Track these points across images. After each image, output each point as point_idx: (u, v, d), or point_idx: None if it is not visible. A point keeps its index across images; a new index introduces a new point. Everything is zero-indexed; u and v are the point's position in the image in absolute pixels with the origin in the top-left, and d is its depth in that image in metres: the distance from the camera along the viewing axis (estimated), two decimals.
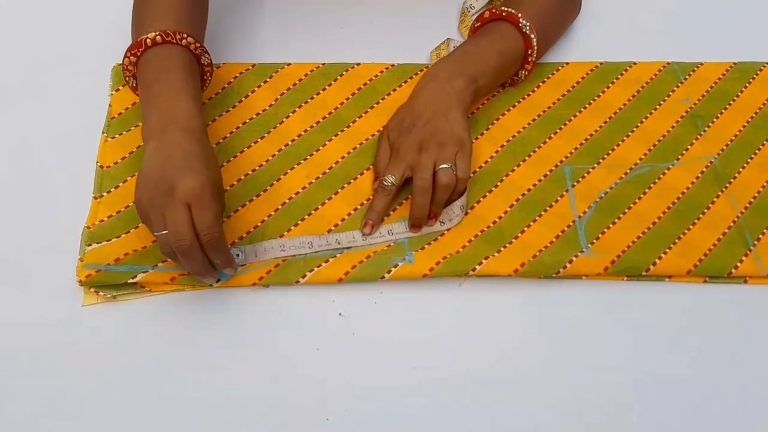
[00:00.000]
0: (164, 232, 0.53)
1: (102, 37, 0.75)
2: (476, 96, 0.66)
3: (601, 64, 0.75)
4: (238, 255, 0.60)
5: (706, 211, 0.65)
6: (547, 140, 0.69)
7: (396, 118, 0.66)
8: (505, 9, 0.67)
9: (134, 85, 0.65)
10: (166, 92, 0.59)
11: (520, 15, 0.67)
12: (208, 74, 0.66)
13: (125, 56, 0.62)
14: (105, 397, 0.55)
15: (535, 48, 0.68)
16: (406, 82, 0.72)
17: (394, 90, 0.72)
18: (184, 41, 0.61)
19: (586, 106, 0.72)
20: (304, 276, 0.59)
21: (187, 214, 0.53)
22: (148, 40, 0.61)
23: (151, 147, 0.57)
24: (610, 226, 0.64)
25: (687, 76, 0.74)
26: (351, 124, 0.70)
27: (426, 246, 0.62)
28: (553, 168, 0.68)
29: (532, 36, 0.67)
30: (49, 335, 0.58)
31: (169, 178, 0.53)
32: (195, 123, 0.58)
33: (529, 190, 0.66)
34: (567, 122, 0.71)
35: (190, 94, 0.60)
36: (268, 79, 0.72)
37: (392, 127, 0.65)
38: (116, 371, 0.56)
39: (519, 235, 0.63)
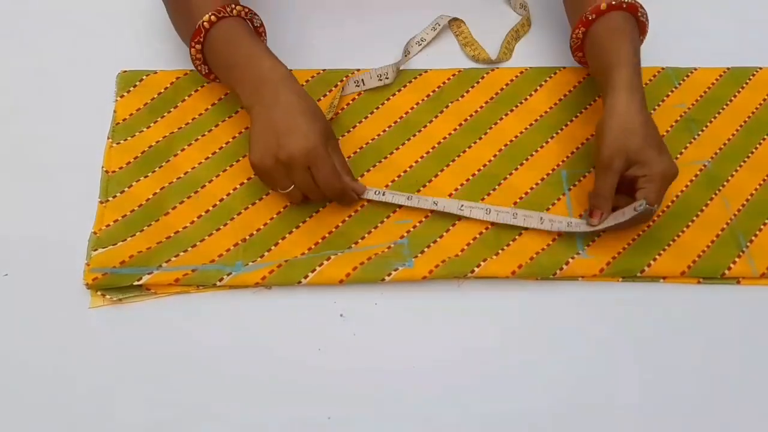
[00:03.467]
0: (291, 188, 0.61)
1: (107, 44, 0.76)
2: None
3: None
4: None
5: (699, 213, 0.66)
6: (544, 144, 0.71)
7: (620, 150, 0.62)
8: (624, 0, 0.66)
9: (207, 71, 0.69)
10: (242, 60, 0.63)
11: (638, 4, 0.66)
12: (263, 35, 0.70)
13: (191, 47, 0.66)
14: (112, 395, 0.56)
15: (647, 33, 0.69)
16: (405, 86, 0.74)
17: (393, 95, 0.73)
18: (234, 11, 0.65)
19: (582, 110, 0.73)
20: (306, 276, 0.61)
21: (309, 175, 0.61)
22: (205, 23, 0.64)
23: (255, 112, 0.62)
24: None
25: (681, 81, 0.75)
26: (351, 129, 0.71)
27: (425, 250, 0.63)
28: (550, 172, 0.69)
29: (647, 23, 0.68)
30: (57, 336, 0.59)
31: (283, 145, 0.59)
32: (281, 72, 0.63)
33: (526, 193, 0.67)
34: (563, 127, 0.72)
35: (264, 51, 0.64)
36: None
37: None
38: (122, 371, 0.57)
39: (516, 237, 0.64)
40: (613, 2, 0.66)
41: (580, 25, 0.68)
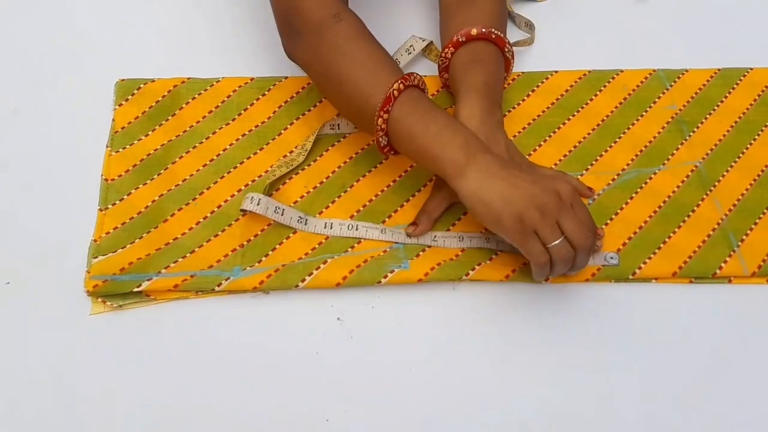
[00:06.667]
0: (559, 240, 0.55)
1: (105, 52, 0.77)
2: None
3: (589, 72, 0.77)
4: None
5: (691, 214, 0.67)
6: (537, 147, 0.71)
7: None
8: (494, 31, 0.67)
9: (386, 143, 0.62)
10: (441, 128, 0.59)
11: (506, 39, 0.68)
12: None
13: (378, 116, 0.60)
14: (113, 400, 0.57)
15: (512, 69, 0.71)
16: None
17: None
18: (416, 80, 0.62)
19: (575, 113, 0.74)
20: (303, 280, 0.61)
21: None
22: (394, 92, 0.59)
23: (479, 176, 0.57)
24: None
25: (672, 83, 0.76)
26: (347, 134, 0.72)
27: (420, 253, 0.64)
28: None
29: (512, 60, 0.70)
30: (59, 343, 0.60)
31: (540, 195, 0.55)
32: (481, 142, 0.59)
33: None
34: (556, 129, 0.73)
35: (454, 121, 0.61)
36: (266, 92, 0.74)
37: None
38: (123, 376, 0.58)
39: None
40: (484, 30, 0.67)
41: (450, 45, 0.69)
